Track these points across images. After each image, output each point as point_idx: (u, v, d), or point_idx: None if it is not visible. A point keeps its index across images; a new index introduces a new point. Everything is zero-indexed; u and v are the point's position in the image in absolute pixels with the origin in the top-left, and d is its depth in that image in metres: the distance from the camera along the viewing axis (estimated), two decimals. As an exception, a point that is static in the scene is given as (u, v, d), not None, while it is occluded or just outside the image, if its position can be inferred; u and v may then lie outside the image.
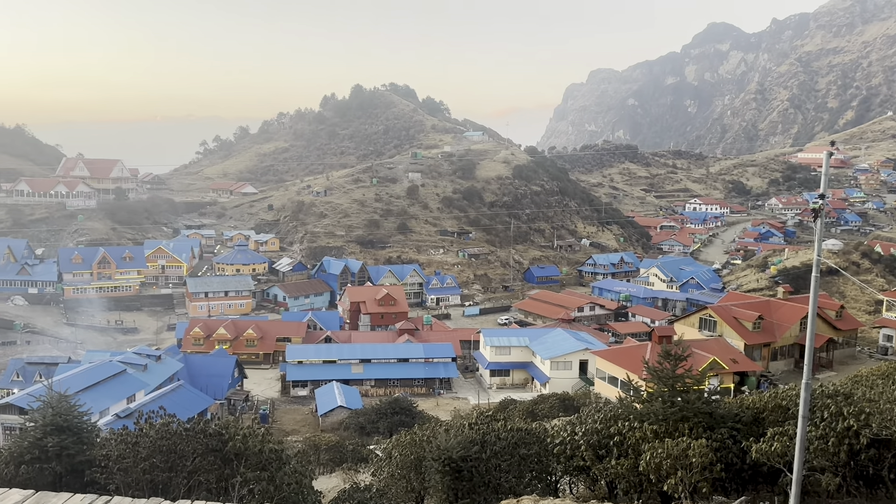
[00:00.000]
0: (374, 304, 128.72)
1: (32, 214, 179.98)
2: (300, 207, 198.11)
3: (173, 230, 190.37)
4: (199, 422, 15.86)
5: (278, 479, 14.53)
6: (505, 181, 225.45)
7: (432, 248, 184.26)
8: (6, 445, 20.65)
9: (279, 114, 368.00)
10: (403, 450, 16.94)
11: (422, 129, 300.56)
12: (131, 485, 13.94)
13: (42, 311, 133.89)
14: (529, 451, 16.65)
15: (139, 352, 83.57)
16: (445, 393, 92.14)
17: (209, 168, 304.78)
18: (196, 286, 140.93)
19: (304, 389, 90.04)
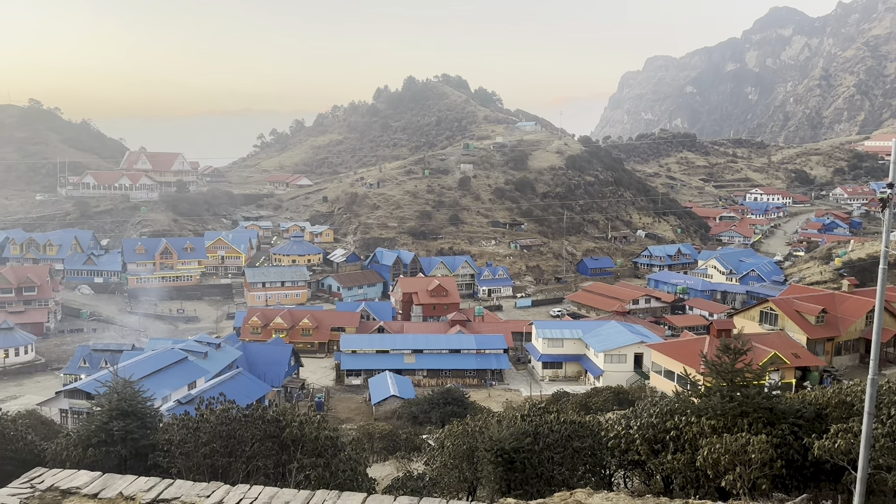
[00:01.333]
0: (426, 295, 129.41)
1: (98, 206, 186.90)
2: (354, 199, 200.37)
3: (232, 222, 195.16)
4: (257, 408, 16.24)
5: (334, 465, 14.78)
6: (558, 172, 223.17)
7: (484, 240, 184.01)
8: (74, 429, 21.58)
9: (333, 107, 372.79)
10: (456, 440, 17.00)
11: (474, 120, 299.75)
12: (192, 469, 14.38)
13: (107, 300, 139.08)
14: (583, 444, 16.50)
15: (200, 340, 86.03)
16: (497, 384, 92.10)
17: (266, 161, 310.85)
18: (254, 276, 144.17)
19: (358, 378, 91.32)
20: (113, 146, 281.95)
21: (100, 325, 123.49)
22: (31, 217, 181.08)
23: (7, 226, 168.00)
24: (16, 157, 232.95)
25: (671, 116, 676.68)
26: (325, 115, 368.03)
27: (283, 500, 8.56)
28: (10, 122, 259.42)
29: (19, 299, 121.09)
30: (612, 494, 10.46)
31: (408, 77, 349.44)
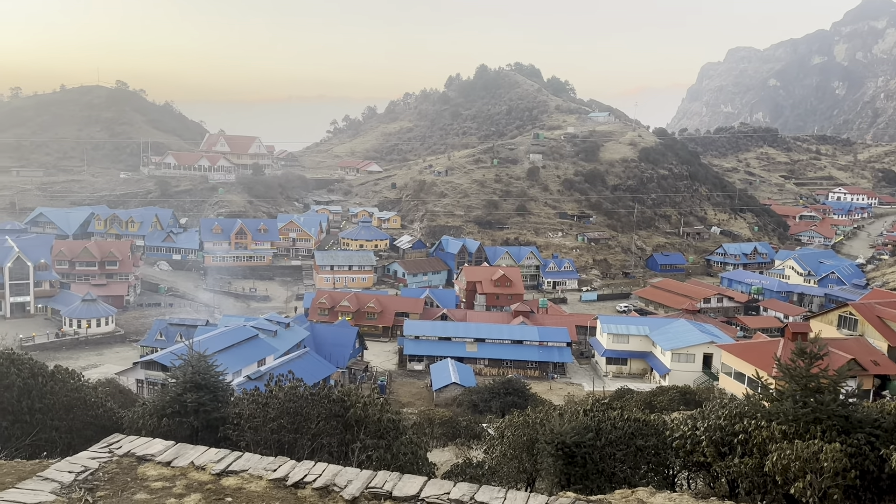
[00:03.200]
0: (490, 285, 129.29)
1: (178, 186, 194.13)
2: (421, 186, 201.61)
3: (304, 205, 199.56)
4: (323, 387, 16.63)
5: (395, 447, 15.02)
6: (630, 164, 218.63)
7: (551, 231, 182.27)
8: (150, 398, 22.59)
9: (405, 94, 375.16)
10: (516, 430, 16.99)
11: (545, 110, 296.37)
12: (260, 443, 14.86)
13: (184, 277, 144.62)
14: (647, 443, 16.22)
15: (270, 319, 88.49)
16: (559, 377, 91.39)
17: (338, 146, 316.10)
18: (323, 259, 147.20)
19: (420, 364, 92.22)
20: (194, 128, 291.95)
21: (176, 301, 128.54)
22: (115, 194, 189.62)
23: (93, 202, 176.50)
24: (103, 137, 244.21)
25: (752, 110, 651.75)
26: (396, 102, 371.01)
27: (345, 478, 8.75)
28: (99, 103, 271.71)
29: (102, 273, 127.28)
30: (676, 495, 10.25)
31: (480, 65, 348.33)
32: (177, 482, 8.55)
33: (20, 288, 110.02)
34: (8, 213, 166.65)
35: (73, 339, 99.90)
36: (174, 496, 8.21)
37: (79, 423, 17.46)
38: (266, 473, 8.82)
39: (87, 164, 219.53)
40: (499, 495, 8.52)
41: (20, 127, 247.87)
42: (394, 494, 8.41)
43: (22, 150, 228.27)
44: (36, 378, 16.71)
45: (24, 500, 7.88)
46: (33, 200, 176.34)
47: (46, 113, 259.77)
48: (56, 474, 8.58)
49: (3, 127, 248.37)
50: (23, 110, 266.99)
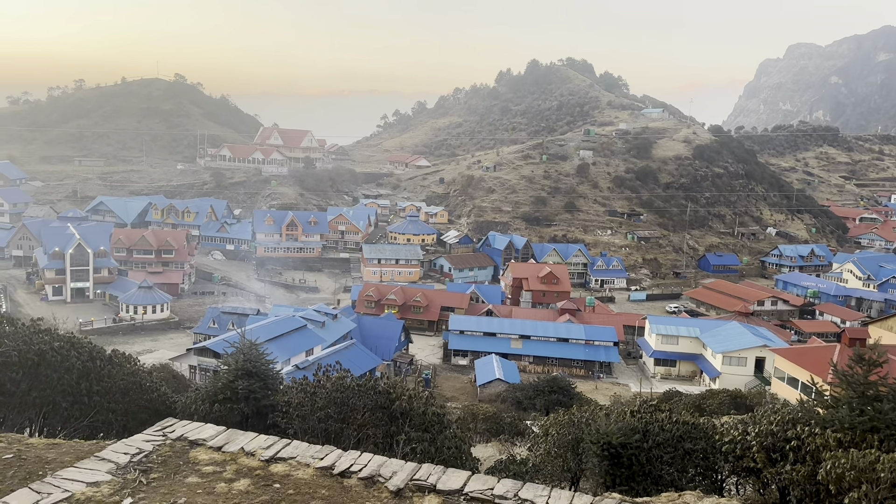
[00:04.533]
0: (537, 282, 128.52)
1: (233, 178, 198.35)
2: (469, 182, 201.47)
3: (353, 198, 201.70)
4: (369, 379, 16.81)
5: (439, 441, 15.10)
6: (684, 161, 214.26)
7: (600, 229, 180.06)
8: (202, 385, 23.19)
9: (455, 89, 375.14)
10: (561, 429, 16.86)
11: (597, 106, 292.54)
12: (308, 431, 15.11)
13: (236, 266, 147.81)
14: (695, 447, 15.92)
15: (319, 309, 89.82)
16: (605, 377, 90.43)
17: (388, 141, 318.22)
18: (370, 252, 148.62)
19: (465, 359, 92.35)
20: (248, 121, 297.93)
21: (229, 290, 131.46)
22: (172, 185, 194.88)
23: (151, 192, 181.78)
24: (161, 128, 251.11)
25: (812, 108, 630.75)
26: (446, 97, 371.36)
27: (391, 469, 8.83)
28: (157, 95, 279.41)
29: (158, 261, 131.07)
30: (724, 500, 10.05)
31: (531, 60, 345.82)
32: (227, 467, 8.76)
33: (80, 274, 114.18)
34: (70, 202, 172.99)
35: (130, 324, 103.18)
36: (224, 481, 8.41)
37: (134, 407, 18.04)
38: (313, 461, 8.97)
39: (146, 154, 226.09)
40: (543, 493, 8.49)
41: (83, 118, 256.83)
42: (438, 487, 8.45)
43: (84, 141, 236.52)
44: (94, 361, 17.31)
45: (82, 479, 8.18)
46: (94, 189, 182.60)
47: (108, 105, 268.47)
48: (112, 455, 8.89)
49: (66, 118, 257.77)
50: (86, 102, 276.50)
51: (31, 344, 15.45)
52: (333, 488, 8.40)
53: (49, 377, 15.57)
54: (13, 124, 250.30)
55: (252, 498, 8.05)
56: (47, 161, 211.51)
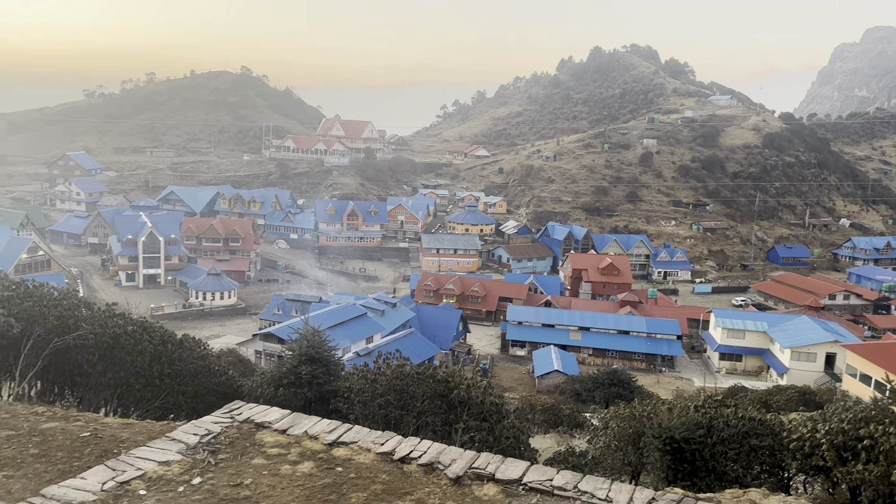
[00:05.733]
0: (597, 273, 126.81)
1: (296, 168, 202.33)
2: (529, 171, 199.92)
3: (412, 188, 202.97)
4: (428, 367, 16.95)
5: (497, 430, 15.13)
6: (752, 150, 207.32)
7: (663, 219, 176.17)
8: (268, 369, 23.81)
9: (515, 78, 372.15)
10: (622, 422, 16.63)
11: (661, 93, 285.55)
12: (368, 417, 15.36)
13: (299, 255, 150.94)
14: (761, 443, 15.49)
15: (378, 298, 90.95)
16: (667, 371, 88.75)
17: (447, 131, 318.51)
18: (429, 242, 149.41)
19: (522, 350, 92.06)
20: (311, 113, 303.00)
21: (292, 277, 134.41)
22: (239, 175, 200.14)
23: (218, 182, 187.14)
24: (228, 120, 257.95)
25: (890, 94, 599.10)
26: (506, 86, 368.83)
27: (450, 456, 8.90)
28: (225, 88, 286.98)
29: (226, 249, 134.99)
30: (791, 499, 9.75)
31: (594, 47, 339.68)
32: (291, 449, 8.99)
33: (152, 261, 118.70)
34: (142, 191, 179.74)
35: (199, 310, 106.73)
36: (289, 463, 8.64)
37: (203, 389, 18.68)
38: (374, 447, 9.11)
39: (214, 145, 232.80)
40: (603, 486, 8.41)
41: (154, 110, 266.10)
42: (496, 476, 8.47)
43: (155, 132, 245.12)
44: (166, 345, 17.97)
45: (154, 458, 8.53)
46: (165, 179, 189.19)
47: (178, 97, 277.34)
48: (182, 436, 9.23)
49: (138, 109, 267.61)
50: (157, 94, 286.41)
51: (106, 327, 16.13)
52: (394, 473, 8.53)
53: (123, 360, 16.24)
54: (89, 116, 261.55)
55: (315, 480, 8.25)
56: (121, 152, 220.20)
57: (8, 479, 8.08)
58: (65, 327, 14.66)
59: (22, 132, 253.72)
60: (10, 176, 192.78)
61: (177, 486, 7.93)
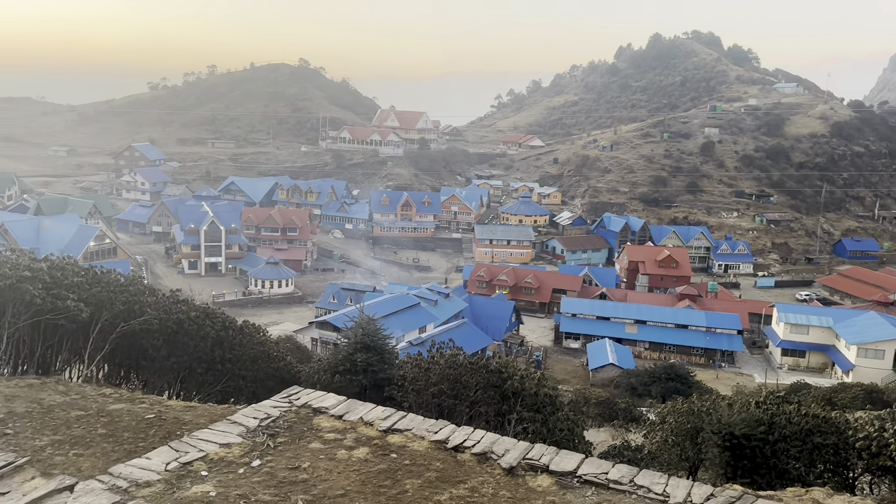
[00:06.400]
0: (654, 265, 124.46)
1: (352, 159, 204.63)
2: (584, 162, 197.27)
3: (466, 179, 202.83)
4: (481, 357, 16.96)
5: (551, 422, 15.04)
6: (819, 139, 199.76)
7: (724, 211, 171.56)
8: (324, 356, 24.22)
9: (572, 66, 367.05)
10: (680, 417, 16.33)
11: (724, 81, 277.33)
12: (422, 405, 15.48)
13: (354, 245, 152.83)
14: (825, 441, 15.00)
15: (431, 288, 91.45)
16: (727, 366, 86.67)
17: (501, 121, 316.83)
18: (482, 233, 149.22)
19: (576, 342, 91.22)
20: (367, 104, 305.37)
21: (347, 267, 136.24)
22: (296, 166, 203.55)
23: (277, 173, 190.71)
24: (286, 112, 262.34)
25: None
26: (562, 75, 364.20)
27: (503, 447, 8.89)
28: (283, 80, 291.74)
29: (284, 238, 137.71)
30: (857, 499, 9.41)
31: (653, 34, 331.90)
32: (347, 435, 9.14)
33: (213, 249, 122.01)
34: (204, 181, 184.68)
35: (258, 297, 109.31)
36: (345, 448, 8.78)
37: (262, 374, 19.14)
38: (428, 434, 9.18)
39: (273, 137, 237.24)
40: (660, 481, 8.27)
41: (215, 102, 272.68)
42: (551, 468, 8.42)
43: (217, 124, 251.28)
44: (227, 331, 18.47)
45: (215, 440, 8.78)
46: (226, 170, 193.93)
47: (238, 89, 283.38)
48: (243, 419, 9.47)
49: (201, 102, 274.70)
50: (218, 87, 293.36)
51: (170, 313, 16.67)
52: (447, 461, 8.57)
53: (186, 344, 16.76)
54: (153, 108, 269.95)
55: (370, 466, 8.36)
56: (183, 143, 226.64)
57: (78, 457, 8.43)
58: (131, 312, 15.19)
59: (91, 124, 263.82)
60: (80, 166, 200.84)
61: (237, 467, 8.15)
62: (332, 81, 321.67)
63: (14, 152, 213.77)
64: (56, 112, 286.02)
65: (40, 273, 13.62)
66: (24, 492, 6.80)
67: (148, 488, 7.42)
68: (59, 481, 7.00)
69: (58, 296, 13.48)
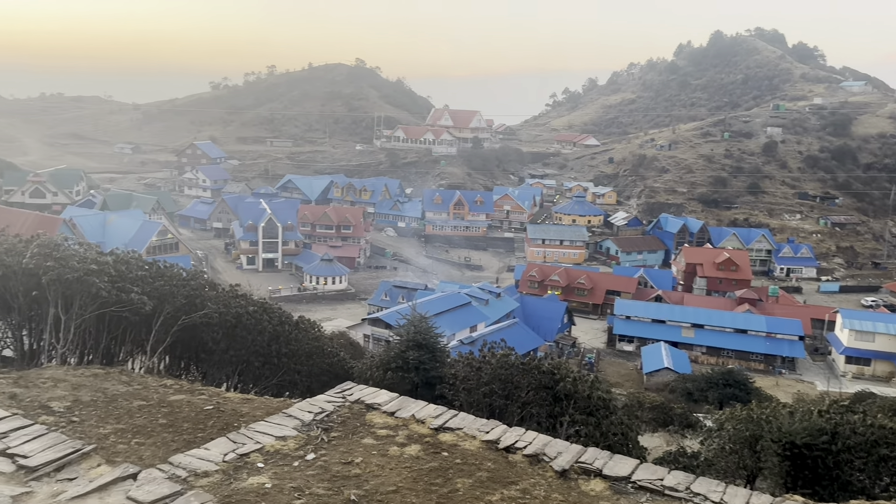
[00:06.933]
0: (713, 268, 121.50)
1: (405, 158, 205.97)
2: (641, 161, 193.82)
3: (519, 178, 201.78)
4: (533, 358, 16.85)
5: (604, 426, 14.84)
6: (889, 140, 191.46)
7: (787, 213, 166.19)
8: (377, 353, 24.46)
9: (629, 64, 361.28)
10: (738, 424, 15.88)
11: (788, 79, 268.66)
12: (473, 405, 15.47)
13: (406, 243, 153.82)
14: (892, 453, 14.40)
15: (483, 288, 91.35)
16: (787, 373, 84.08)
17: (556, 120, 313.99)
18: (535, 233, 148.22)
19: (630, 345, 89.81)
20: (421, 103, 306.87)
21: (399, 265, 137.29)
22: (351, 164, 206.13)
23: (332, 171, 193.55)
24: (342, 111, 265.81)
25: None
26: (619, 73, 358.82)
27: (555, 449, 8.80)
28: (340, 80, 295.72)
29: (338, 236, 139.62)
30: (928, 517, 8.99)
31: (714, 31, 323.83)
32: (399, 432, 9.19)
33: (271, 245, 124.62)
34: (262, 179, 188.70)
35: (312, 293, 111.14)
36: (397, 444, 8.83)
37: (316, 369, 19.45)
38: (479, 434, 9.15)
39: (329, 136, 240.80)
40: (717, 489, 8.06)
41: (274, 101, 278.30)
42: (604, 472, 8.30)
43: (275, 123, 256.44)
44: (283, 326, 18.83)
45: (271, 433, 8.95)
46: (283, 168, 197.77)
47: (296, 89, 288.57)
48: (298, 413, 9.63)
49: (260, 101, 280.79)
50: (277, 86, 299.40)
51: (229, 307, 17.07)
52: (499, 462, 8.53)
53: (244, 338, 17.15)
54: (214, 107, 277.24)
55: (422, 463, 8.38)
56: (243, 141, 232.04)
57: (139, 445, 8.70)
58: (192, 306, 15.62)
59: (155, 122, 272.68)
60: (144, 163, 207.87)
61: (292, 460, 8.29)
62: (388, 81, 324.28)
63: (82, 149, 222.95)
64: (122, 111, 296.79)
65: (106, 266, 14.12)
66: (90, 478, 7.06)
67: (206, 478, 7.60)
68: (123, 469, 7.24)
69: (123, 289, 13.96)
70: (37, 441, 7.59)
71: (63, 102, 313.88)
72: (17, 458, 7.25)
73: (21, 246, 13.61)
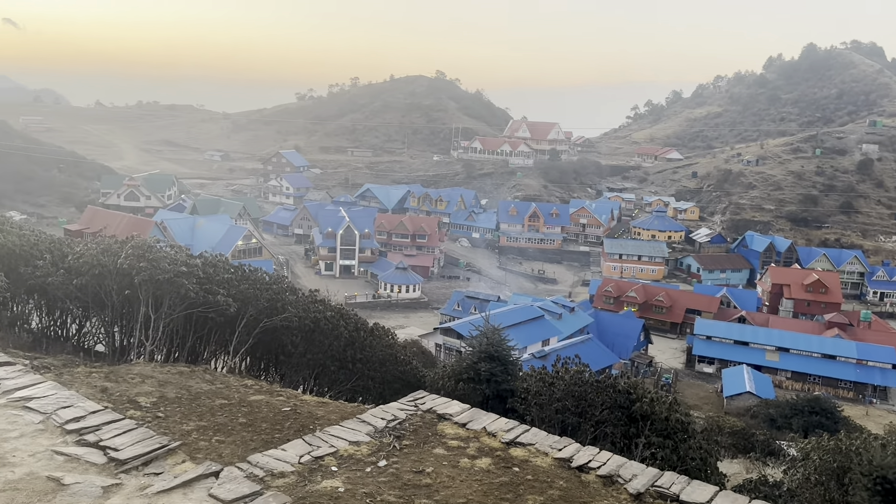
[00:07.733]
0: (801, 290, 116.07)
1: (482, 169, 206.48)
2: (726, 176, 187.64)
3: (596, 191, 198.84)
4: (608, 376, 16.48)
5: (682, 450, 14.33)
6: None
7: (883, 234, 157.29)
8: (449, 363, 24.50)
9: (716, 77, 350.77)
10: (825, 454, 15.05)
11: (886, 94, 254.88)
12: (544, 420, 15.24)
13: (480, 254, 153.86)
14: None
15: (556, 301, 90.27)
16: (879, 403, 79.36)
17: (637, 133, 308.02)
18: (612, 247, 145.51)
19: (710, 367, 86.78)
20: (499, 115, 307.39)
21: (472, 275, 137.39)
22: (428, 175, 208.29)
23: (409, 181, 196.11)
24: (421, 122, 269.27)
25: None
26: (705, 86, 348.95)
27: (630, 471, 8.56)
28: (420, 91, 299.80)
29: (413, 245, 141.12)
30: None
31: (807, 44, 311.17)
32: (470, 444, 9.15)
33: (348, 252, 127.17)
34: (342, 188, 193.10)
35: (387, 301, 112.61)
36: (468, 456, 8.79)
37: (390, 376, 19.66)
38: (551, 451, 9.00)
39: (407, 146, 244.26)
40: (803, 523, 7.66)
41: (356, 112, 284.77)
42: (681, 498, 8.01)
43: (356, 133, 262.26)
44: (359, 332, 19.14)
45: (345, 437, 9.08)
46: (362, 177, 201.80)
47: (377, 100, 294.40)
48: (371, 419, 9.73)
49: (342, 112, 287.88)
50: (359, 97, 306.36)
51: (308, 312, 17.50)
52: (571, 481, 8.37)
53: (321, 342, 17.52)
54: (299, 117, 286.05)
55: (493, 477, 8.31)
56: (325, 151, 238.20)
57: (220, 443, 8.99)
58: (273, 309, 16.09)
59: (243, 131, 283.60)
60: (231, 170, 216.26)
61: (365, 466, 8.38)
62: (466, 92, 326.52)
63: (175, 155, 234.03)
64: (213, 119, 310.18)
65: (195, 269, 14.73)
66: (175, 474, 7.34)
67: (282, 479, 7.78)
68: (206, 467, 7.49)
69: (210, 290, 14.52)
70: (127, 435, 7.94)
71: (158, 110, 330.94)
72: (108, 450, 7.62)
73: (116, 247, 14.36)
